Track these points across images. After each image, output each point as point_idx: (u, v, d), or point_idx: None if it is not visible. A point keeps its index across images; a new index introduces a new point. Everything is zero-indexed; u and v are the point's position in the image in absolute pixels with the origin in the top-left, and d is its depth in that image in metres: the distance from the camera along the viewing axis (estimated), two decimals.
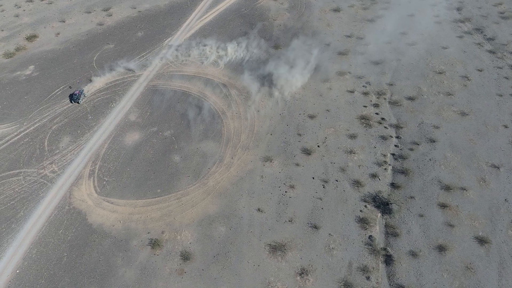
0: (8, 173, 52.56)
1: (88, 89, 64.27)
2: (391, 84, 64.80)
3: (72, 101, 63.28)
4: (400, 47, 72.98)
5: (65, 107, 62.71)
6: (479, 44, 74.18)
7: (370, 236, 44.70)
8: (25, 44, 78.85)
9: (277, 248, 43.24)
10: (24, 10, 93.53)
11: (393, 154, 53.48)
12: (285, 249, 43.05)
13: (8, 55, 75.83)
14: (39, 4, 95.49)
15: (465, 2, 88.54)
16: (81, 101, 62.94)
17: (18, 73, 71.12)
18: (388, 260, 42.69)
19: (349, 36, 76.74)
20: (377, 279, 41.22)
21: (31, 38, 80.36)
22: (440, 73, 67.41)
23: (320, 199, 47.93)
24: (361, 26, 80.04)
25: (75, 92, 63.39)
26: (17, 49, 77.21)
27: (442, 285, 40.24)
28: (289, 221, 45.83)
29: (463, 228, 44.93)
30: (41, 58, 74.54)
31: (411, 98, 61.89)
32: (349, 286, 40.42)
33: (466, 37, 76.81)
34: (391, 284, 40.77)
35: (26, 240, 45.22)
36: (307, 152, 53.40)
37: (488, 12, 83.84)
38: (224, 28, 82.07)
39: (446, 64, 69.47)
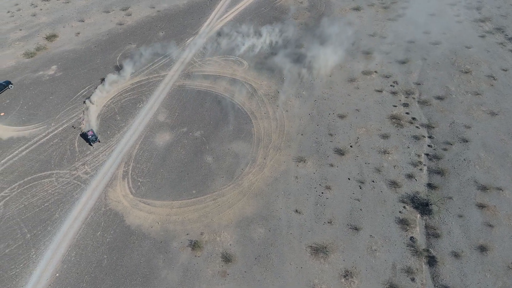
0: (40, 174, 51.99)
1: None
2: (419, 84, 64.21)
3: (89, 143, 56.35)
4: (424, 46, 72.45)
5: None
6: (502, 43, 73.68)
7: (411, 238, 44.26)
8: (45, 44, 78.05)
9: (318, 250, 42.75)
10: (41, 9, 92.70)
11: (427, 154, 53.00)
12: (327, 251, 42.52)
13: (29, 54, 75.13)
14: (55, 3, 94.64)
15: (483, 1, 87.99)
16: (96, 141, 56.44)
17: (41, 73, 70.40)
18: (431, 261, 42.25)
19: (372, 35, 76.02)
20: (422, 281, 40.79)
21: (51, 37, 79.54)
22: (466, 72, 66.85)
23: (358, 200, 47.39)
24: (383, 25, 79.38)
25: (88, 133, 56.48)
26: (38, 49, 76.42)
27: (485, 285, 39.87)
28: (329, 222, 45.33)
29: (502, 228, 44.53)
30: (63, 58, 73.78)
31: (440, 98, 61.33)
32: None
33: (488, 37, 76.25)
34: (436, 285, 40.40)
35: (63, 242, 44.66)
36: (340, 152, 52.86)
37: (508, 12, 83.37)
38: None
39: (471, 64, 68.90)
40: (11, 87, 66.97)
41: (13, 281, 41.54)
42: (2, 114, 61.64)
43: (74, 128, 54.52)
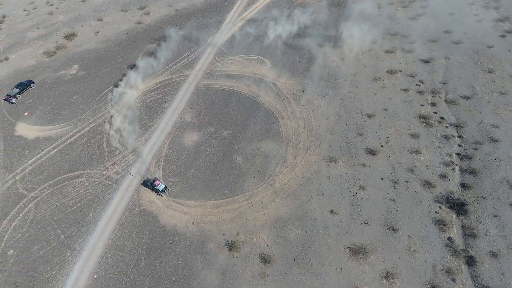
0: (70, 174, 51.39)
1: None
2: (444, 83, 63.71)
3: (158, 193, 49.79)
4: (446, 46, 71.86)
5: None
6: None
7: (449, 238, 43.79)
8: (65, 43, 77.33)
9: (357, 251, 42.26)
10: (57, 8, 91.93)
11: (458, 154, 52.45)
12: (366, 252, 41.94)
13: (49, 54, 74.42)
14: (72, 2, 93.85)
15: (501, 1, 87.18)
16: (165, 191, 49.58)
17: (63, 72, 69.72)
18: (470, 261, 41.76)
19: (394, 34, 75.29)
20: (462, 281, 40.37)
21: (70, 36, 78.80)
22: (490, 72, 66.34)
23: (393, 200, 46.88)
24: (404, 24, 78.74)
25: (156, 183, 49.53)
26: (57, 48, 75.74)
27: None
28: (365, 223, 44.81)
29: None
30: (84, 57, 73.05)
31: (466, 97, 60.82)
32: None
33: (509, 36, 75.77)
34: (476, 285, 40.03)
35: (99, 243, 44.10)
36: (371, 152, 52.33)
37: None
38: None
39: (494, 63, 68.41)
40: (33, 86, 66.33)
41: (49, 283, 41.04)
42: (26, 113, 60.97)
43: (132, 176, 50.20)
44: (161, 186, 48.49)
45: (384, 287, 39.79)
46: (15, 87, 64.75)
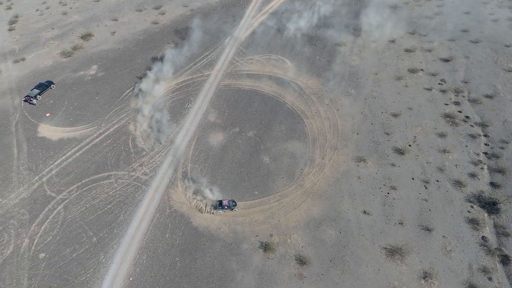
0: (98, 176, 50.69)
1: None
2: (466, 82, 63.30)
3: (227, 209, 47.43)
4: (465, 45, 71.47)
5: None
6: None
7: (483, 237, 43.39)
8: (82, 43, 76.46)
9: (394, 252, 41.75)
10: (70, 8, 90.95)
11: (485, 153, 52.01)
12: (402, 253, 41.41)
13: (66, 54, 73.58)
14: (85, 2, 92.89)
15: None
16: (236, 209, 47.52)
17: (82, 73, 68.88)
18: (505, 260, 41.46)
19: (412, 33, 74.80)
20: (498, 280, 40.11)
21: (86, 36, 77.89)
22: (510, 71, 65.90)
23: (426, 200, 46.49)
24: (421, 23, 78.16)
25: (224, 203, 47.21)
26: (74, 48, 74.84)
27: None
28: (400, 223, 44.38)
29: None
30: (103, 58, 72.23)
31: (489, 96, 60.46)
32: None
33: None
34: None
35: (132, 245, 43.48)
36: (400, 151, 51.89)
37: None
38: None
39: None
40: (53, 87, 65.56)
41: (84, 286, 40.49)
42: (47, 114, 60.19)
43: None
44: (232, 203, 47.27)
45: (423, 287, 39.09)
46: (35, 88, 63.91)
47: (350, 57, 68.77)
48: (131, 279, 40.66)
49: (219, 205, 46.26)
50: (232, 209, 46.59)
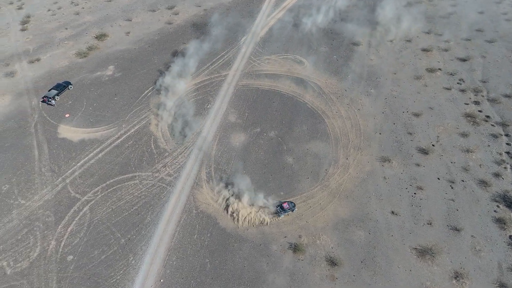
0: (122, 177, 50.17)
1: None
2: (484, 81, 63.02)
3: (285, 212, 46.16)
4: (481, 44, 71.19)
5: None
6: None
7: (510, 236, 43.12)
8: (97, 44, 75.79)
9: (424, 252, 41.34)
10: (83, 8, 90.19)
11: (507, 153, 51.64)
12: (433, 253, 41.03)
13: (82, 54, 72.92)
14: (97, 2, 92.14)
15: None
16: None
17: (99, 73, 68.23)
18: None
19: (427, 33, 74.40)
20: None
21: (101, 37, 77.22)
22: None
23: (452, 200, 46.15)
24: (436, 22, 77.91)
25: (284, 206, 46.25)
26: (90, 49, 74.21)
27: None
28: (428, 224, 44.04)
29: None
30: (119, 58, 71.60)
31: (508, 96, 60.31)
32: (504, 287, 38.61)
33: None
34: None
35: (161, 246, 42.99)
36: (423, 151, 51.56)
37: None
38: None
39: None
40: (70, 87, 64.96)
41: None
42: (67, 115, 59.58)
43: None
44: (292, 205, 46.44)
45: (455, 287, 38.75)
46: (53, 89, 63.26)
47: (368, 56, 68.27)
48: (161, 280, 40.18)
49: (282, 209, 45.38)
50: (293, 210, 45.77)
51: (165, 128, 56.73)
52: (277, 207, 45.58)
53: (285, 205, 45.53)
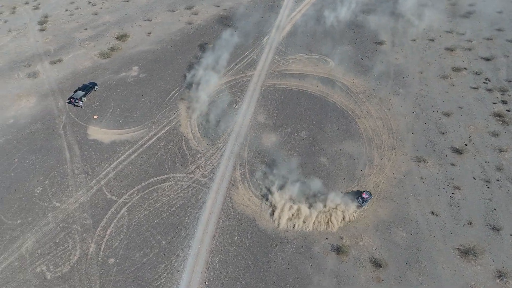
0: (157, 178, 49.41)
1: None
2: (509, 81, 62.35)
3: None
4: (502, 44, 70.47)
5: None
6: None
7: None
8: (119, 44, 74.75)
9: (467, 252, 40.73)
10: (101, 8, 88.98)
11: None
12: (475, 253, 40.45)
13: (104, 55, 71.88)
14: (115, 2, 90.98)
15: None
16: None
17: (123, 74, 67.22)
18: None
19: (449, 32, 73.63)
20: None
21: (122, 37, 76.21)
22: None
23: (490, 200, 45.64)
24: (457, 21, 77.17)
25: (364, 195, 46.33)
26: (112, 49, 73.19)
27: None
28: (468, 224, 43.43)
29: None
30: (142, 59, 70.64)
31: None
32: None
33: None
34: None
35: (202, 248, 42.30)
36: (457, 151, 50.95)
37: None
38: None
39: None
40: (96, 88, 63.95)
41: None
42: (95, 117, 58.62)
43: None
44: (368, 193, 46.61)
45: (499, 287, 38.18)
46: (79, 90, 62.08)
47: (392, 55, 67.54)
48: (206, 283, 39.49)
49: (363, 200, 45.39)
50: (370, 198, 45.88)
51: (195, 129, 55.49)
52: (357, 199, 45.31)
53: (365, 195, 45.36)
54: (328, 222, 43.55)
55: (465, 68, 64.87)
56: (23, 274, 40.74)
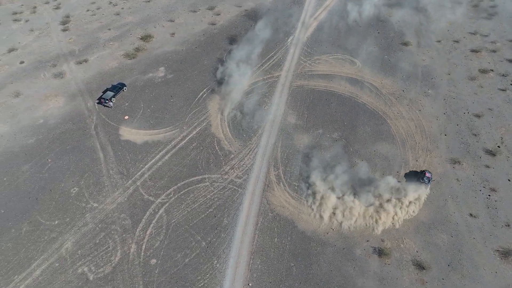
0: (192, 179, 49.05)
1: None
2: None
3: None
4: None
5: None
6: None
7: None
8: (143, 45, 74.25)
9: (507, 254, 40.40)
10: (122, 8, 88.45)
11: None
12: None
13: (130, 55, 71.36)
14: (136, 2, 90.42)
15: None
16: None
17: (151, 75, 66.74)
18: None
19: (473, 33, 72.89)
20: None
21: (146, 38, 75.66)
22: None
23: None
24: (479, 23, 76.47)
25: (426, 174, 47.32)
26: (137, 50, 72.68)
27: None
28: (506, 225, 42.98)
29: None
30: (168, 60, 70.15)
31: None
32: None
33: None
34: None
35: (242, 249, 41.81)
36: (490, 153, 50.51)
37: None
38: None
39: None
40: (125, 89, 63.44)
41: None
42: (126, 117, 58.15)
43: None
44: (429, 173, 47.36)
45: None
46: (108, 90, 61.65)
47: (419, 56, 66.93)
48: (250, 284, 39.11)
49: (428, 180, 46.21)
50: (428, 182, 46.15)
51: (226, 130, 55.04)
52: (422, 179, 45.91)
53: (428, 174, 46.08)
54: (386, 217, 43.39)
55: (492, 70, 64.26)
56: (65, 275, 40.40)
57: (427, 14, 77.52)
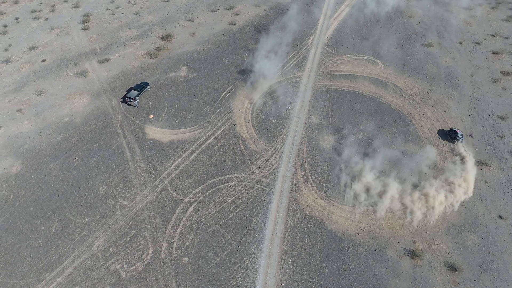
0: (219, 178, 48.88)
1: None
2: None
3: None
4: None
5: None
6: None
7: None
8: (164, 44, 74.10)
9: None
10: (141, 8, 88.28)
11: None
12: None
13: (152, 55, 71.23)
14: (155, 2, 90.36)
15: None
16: None
17: (173, 74, 66.58)
18: None
19: (493, 35, 72.08)
20: None
21: (167, 37, 75.48)
22: None
23: None
24: (499, 25, 75.49)
25: (459, 133, 50.09)
26: (158, 49, 72.52)
27: None
28: None
29: None
30: (189, 59, 69.94)
31: None
32: None
33: None
34: None
35: (273, 249, 41.61)
36: None
37: None
38: None
39: None
40: (148, 88, 63.31)
41: None
42: (151, 116, 58.08)
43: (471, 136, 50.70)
44: (460, 133, 50.29)
45: None
46: (133, 89, 61.54)
47: (441, 58, 66.30)
48: (282, 284, 38.91)
49: (458, 136, 49.61)
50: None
51: (251, 129, 54.82)
52: (456, 139, 49.34)
53: (459, 131, 49.40)
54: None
55: None
56: (97, 273, 40.35)
57: (447, 16, 76.61)
